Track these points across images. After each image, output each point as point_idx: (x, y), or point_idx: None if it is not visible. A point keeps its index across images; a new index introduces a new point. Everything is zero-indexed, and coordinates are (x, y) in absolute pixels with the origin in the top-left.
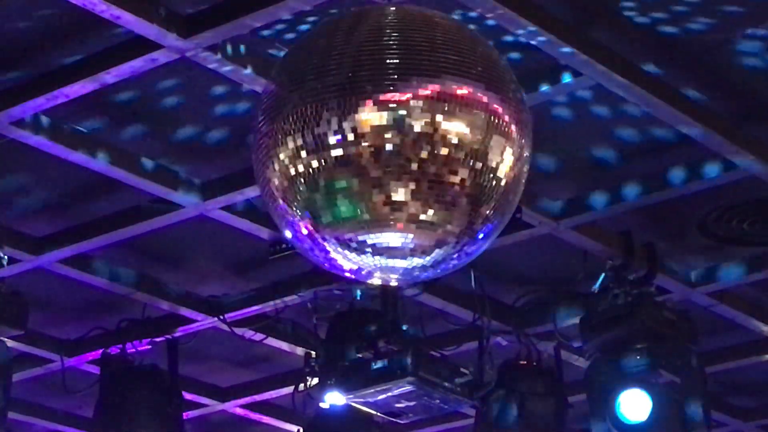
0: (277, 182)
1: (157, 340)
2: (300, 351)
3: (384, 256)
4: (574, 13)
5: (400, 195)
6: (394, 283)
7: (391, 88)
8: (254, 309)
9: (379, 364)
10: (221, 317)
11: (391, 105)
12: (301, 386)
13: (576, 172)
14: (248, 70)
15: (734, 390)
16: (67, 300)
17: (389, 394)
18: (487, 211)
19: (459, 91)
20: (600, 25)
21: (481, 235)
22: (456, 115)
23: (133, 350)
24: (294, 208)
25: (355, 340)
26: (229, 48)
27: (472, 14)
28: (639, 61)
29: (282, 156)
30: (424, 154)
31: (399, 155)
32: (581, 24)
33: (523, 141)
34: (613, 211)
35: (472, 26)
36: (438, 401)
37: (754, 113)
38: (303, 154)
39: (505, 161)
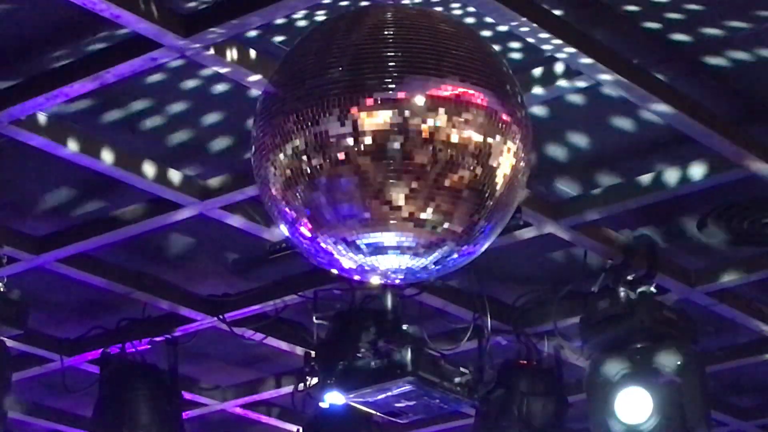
0: (276, 182)
1: (157, 339)
2: (300, 350)
3: (384, 255)
4: (575, 13)
5: (400, 194)
6: (393, 283)
7: (391, 87)
8: (254, 309)
9: (378, 364)
10: (221, 317)
11: (391, 105)
12: (301, 386)
13: (576, 171)
14: (248, 69)
15: (734, 389)
16: (66, 299)
17: (389, 393)
18: (487, 211)
19: (459, 91)
20: (601, 25)
21: (481, 235)
22: (456, 115)
23: (133, 350)
24: (294, 208)
25: (354, 339)
26: (228, 47)
27: (472, 12)
28: (639, 61)
29: (281, 156)
30: (424, 154)
31: (399, 155)
32: (582, 24)
33: (523, 141)
34: (614, 211)
35: (471, 22)
36: (438, 401)
37: (755, 113)
38: (302, 153)
39: (505, 161)
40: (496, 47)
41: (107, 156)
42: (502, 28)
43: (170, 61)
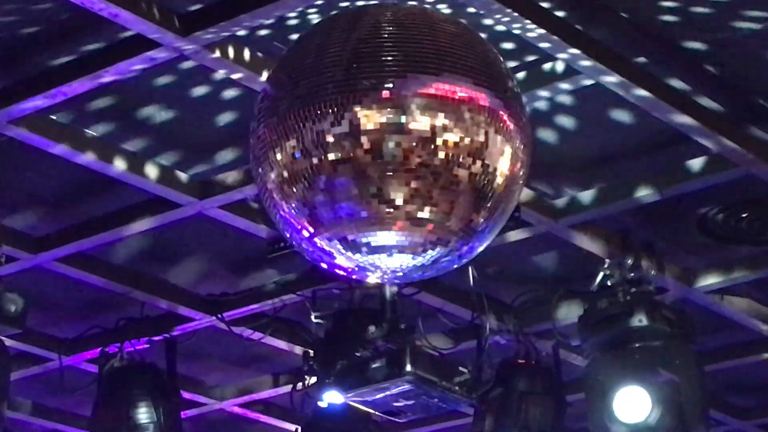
0: (274, 181)
1: (156, 338)
2: (298, 350)
3: (382, 254)
4: (573, 11)
5: (398, 194)
6: (392, 282)
7: (390, 86)
8: (252, 308)
9: (377, 363)
10: (219, 316)
11: (389, 104)
12: (300, 385)
13: (575, 170)
14: (247, 69)
15: (733, 389)
16: (65, 299)
17: (388, 392)
18: (486, 210)
19: (458, 90)
20: (599, 23)
21: (479, 234)
22: (455, 115)
23: (132, 349)
24: (292, 207)
25: (353, 339)
26: (227, 46)
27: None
28: (639, 61)
29: (279, 155)
30: (422, 153)
31: (397, 154)
32: (580, 22)
33: (522, 139)
34: (612, 210)
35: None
36: (436, 400)
37: (754, 112)
38: (301, 153)
39: (503, 160)
40: (495, 46)
41: (106, 155)
42: (501, 27)
43: (169, 60)
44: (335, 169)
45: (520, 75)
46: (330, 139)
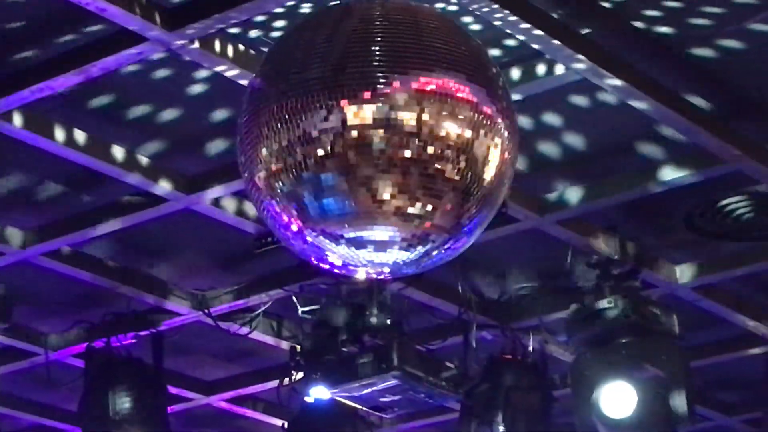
0: (262, 177)
1: (142, 333)
2: (285, 345)
3: (370, 250)
4: (563, 8)
5: (386, 189)
6: (380, 277)
7: (378, 82)
8: (240, 303)
9: (364, 359)
10: (206, 311)
11: (377, 99)
12: (286, 380)
13: (562, 166)
14: (234, 64)
15: (719, 384)
16: (51, 293)
17: (374, 388)
18: (474, 206)
19: (446, 86)
20: (588, 20)
21: (467, 230)
22: (442, 110)
23: (118, 344)
24: (280, 203)
25: (340, 334)
26: (214, 41)
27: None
28: (625, 56)
29: (267, 151)
30: (410, 148)
31: (385, 150)
32: (570, 19)
33: (510, 136)
34: (599, 206)
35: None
36: (423, 395)
37: (741, 108)
38: (288, 148)
39: (491, 156)
40: (483, 42)
41: (93, 150)
42: (492, 24)
43: (155, 54)
44: (323, 164)
45: (508, 71)
46: (318, 134)
